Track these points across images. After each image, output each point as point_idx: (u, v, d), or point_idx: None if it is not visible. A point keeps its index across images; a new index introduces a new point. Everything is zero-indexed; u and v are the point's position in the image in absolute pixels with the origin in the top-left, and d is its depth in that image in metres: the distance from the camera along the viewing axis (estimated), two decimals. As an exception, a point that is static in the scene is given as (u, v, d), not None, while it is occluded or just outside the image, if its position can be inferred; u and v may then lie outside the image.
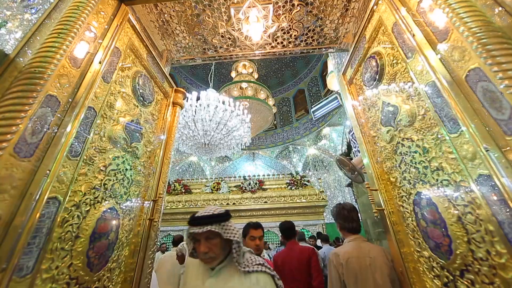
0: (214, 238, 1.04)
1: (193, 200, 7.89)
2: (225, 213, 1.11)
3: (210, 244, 1.03)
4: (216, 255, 1.04)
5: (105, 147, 1.35)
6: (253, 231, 1.88)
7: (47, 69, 0.95)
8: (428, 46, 1.12)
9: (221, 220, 1.07)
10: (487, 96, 0.86)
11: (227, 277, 1.04)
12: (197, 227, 1.03)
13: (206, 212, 1.08)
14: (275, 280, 1.04)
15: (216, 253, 1.04)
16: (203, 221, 1.04)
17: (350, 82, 2.10)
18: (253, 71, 10.91)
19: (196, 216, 1.08)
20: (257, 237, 1.86)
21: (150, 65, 1.91)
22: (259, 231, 1.89)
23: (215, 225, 1.03)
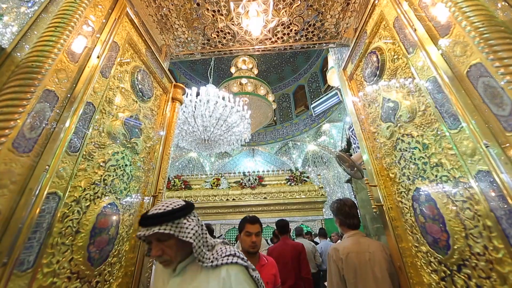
0: (167, 239, 0.88)
1: (193, 196, 7.92)
2: (180, 209, 0.92)
3: (163, 246, 0.88)
4: (171, 258, 0.89)
5: (104, 143, 1.34)
6: (249, 226, 1.70)
7: (44, 64, 0.94)
8: (430, 41, 1.11)
9: (173, 217, 0.89)
10: (488, 92, 0.85)
11: (192, 275, 0.91)
12: (144, 229, 0.87)
13: (157, 209, 0.91)
14: (249, 271, 0.91)
15: (171, 256, 0.89)
16: (149, 221, 0.87)
17: (350, 77, 2.09)
18: (253, 67, 10.82)
19: (143, 215, 0.91)
20: (253, 233, 1.67)
21: (149, 60, 1.89)
22: (256, 227, 1.70)
23: (164, 225, 0.86)
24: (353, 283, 1.41)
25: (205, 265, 0.88)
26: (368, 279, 1.40)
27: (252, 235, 1.67)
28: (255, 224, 1.72)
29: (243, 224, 1.74)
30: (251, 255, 1.66)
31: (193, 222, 0.93)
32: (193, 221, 0.93)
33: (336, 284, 1.47)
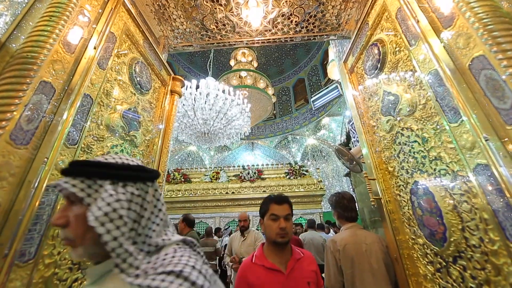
0: (75, 203, 0.54)
1: (193, 189, 7.97)
2: (118, 166, 0.56)
3: (70, 213, 0.53)
4: (76, 238, 0.53)
5: (103, 135, 1.34)
6: (275, 208, 1.21)
7: (40, 54, 0.92)
8: (433, 33, 1.09)
9: (97, 174, 0.54)
10: (489, 85, 0.85)
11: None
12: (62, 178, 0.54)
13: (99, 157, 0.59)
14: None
15: (76, 234, 0.52)
16: (69, 168, 0.54)
17: (351, 70, 2.07)
18: (252, 60, 10.69)
19: None
20: (281, 217, 1.19)
21: (147, 51, 1.86)
22: (285, 208, 1.22)
23: (78, 180, 0.52)
24: (350, 274, 1.44)
25: (127, 280, 0.48)
26: (364, 269, 1.42)
27: (280, 219, 1.19)
28: (283, 204, 1.22)
29: (266, 205, 1.27)
30: (280, 246, 1.20)
31: (123, 196, 0.53)
32: (125, 195, 0.53)
33: (334, 274, 1.50)
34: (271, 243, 1.21)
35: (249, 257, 1.25)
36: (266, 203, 1.28)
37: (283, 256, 1.18)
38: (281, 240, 1.17)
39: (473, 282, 0.95)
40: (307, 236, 3.97)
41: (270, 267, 1.12)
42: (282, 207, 1.23)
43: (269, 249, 1.21)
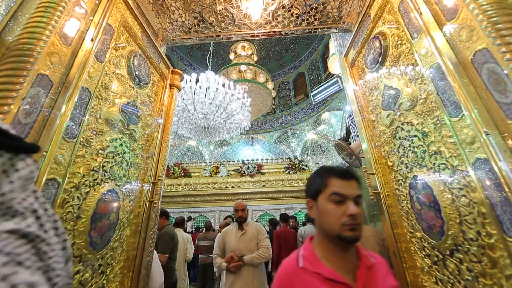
0: None
1: (193, 184, 8.01)
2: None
3: None
4: None
5: (102, 129, 1.33)
6: (338, 183, 0.77)
7: (36, 46, 0.91)
8: (436, 25, 1.07)
9: None
10: (492, 79, 0.84)
11: None
12: None
13: None
14: None
15: None
16: None
17: (352, 64, 2.04)
18: (252, 53, 10.57)
19: None
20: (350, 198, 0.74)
21: (145, 44, 1.83)
22: (353, 186, 0.78)
23: None
24: None
25: None
26: (362, 263, 1.44)
27: (348, 201, 0.74)
28: (351, 180, 0.79)
29: (322, 180, 0.81)
30: (345, 245, 0.74)
31: None
32: None
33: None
34: (330, 239, 0.74)
35: (291, 258, 0.79)
36: (321, 175, 0.82)
37: (348, 261, 0.74)
38: (350, 235, 0.70)
39: (469, 274, 0.96)
40: (306, 230, 4.01)
41: (331, 278, 0.69)
42: (349, 184, 0.77)
43: (325, 249, 0.75)
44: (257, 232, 2.43)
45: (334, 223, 0.72)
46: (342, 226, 0.71)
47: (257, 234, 2.41)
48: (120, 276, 1.38)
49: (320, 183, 0.81)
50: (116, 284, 1.34)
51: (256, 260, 2.24)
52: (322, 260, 0.73)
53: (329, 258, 0.74)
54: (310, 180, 0.89)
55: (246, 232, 2.42)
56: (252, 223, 2.56)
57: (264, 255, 2.28)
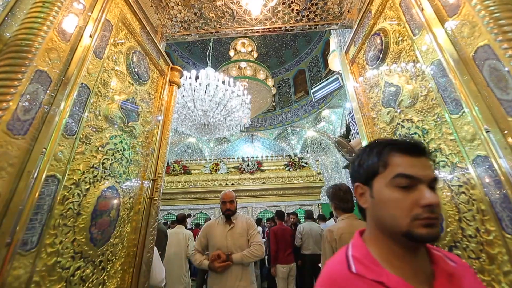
0: None
1: (193, 181, 8.03)
2: None
3: None
4: None
5: (101, 126, 1.33)
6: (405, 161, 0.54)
7: (34, 42, 0.90)
8: (437, 21, 1.06)
9: None
10: (493, 75, 0.83)
11: None
12: None
13: None
14: None
15: None
16: None
17: (352, 61, 2.03)
18: (252, 50, 10.51)
19: None
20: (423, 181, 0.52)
21: (144, 40, 1.82)
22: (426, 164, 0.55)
23: None
24: None
25: None
26: (360, 258, 1.46)
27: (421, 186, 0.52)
28: (422, 156, 0.56)
29: (383, 158, 0.57)
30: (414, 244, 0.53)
31: None
32: None
33: (331, 263, 1.53)
34: (393, 237, 0.54)
35: (338, 260, 0.59)
36: (378, 151, 0.58)
37: (420, 266, 0.54)
38: (426, 232, 0.50)
39: (468, 270, 0.97)
40: (305, 227, 4.04)
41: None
42: (421, 162, 0.55)
43: (386, 249, 0.55)
44: (248, 226, 2.10)
45: (401, 217, 0.50)
46: (413, 221, 0.49)
47: (248, 228, 2.08)
48: (121, 272, 1.39)
49: (376, 162, 0.57)
50: (117, 280, 1.35)
51: (247, 259, 1.93)
52: (384, 265, 0.52)
53: (393, 262, 0.53)
54: (359, 157, 0.63)
55: (235, 226, 2.08)
56: (241, 216, 2.21)
57: (256, 253, 1.97)
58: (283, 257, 3.48)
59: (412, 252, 0.53)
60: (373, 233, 0.59)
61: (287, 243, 3.60)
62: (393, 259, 0.53)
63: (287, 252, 3.54)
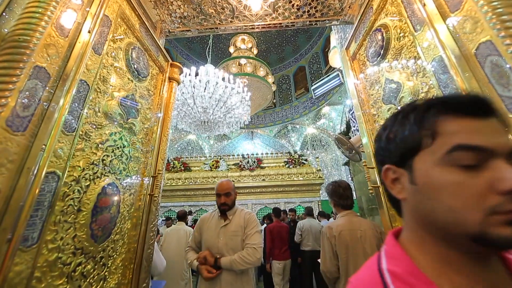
0: None
1: (193, 178, 8.05)
2: None
3: None
4: None
5: (101, 123, 1.32)
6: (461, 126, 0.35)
7: (32, 38, 0.89)
8: (439, 17, 1.05)
9: None
10: (494, 72, 0.83)
11: None
12: None
13: None
14: None
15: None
16: None
17: (353, 57, 2.02)
18: (252, 46, 10.44)
19: None
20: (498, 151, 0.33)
21: (143, 36, 1.80)
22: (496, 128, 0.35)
23: None
24: (345, 258, 1.48)
25: None
26: (358, 254, 1.47)
27: (494, 160, 0.33)
28: (489, 118, 0.36)
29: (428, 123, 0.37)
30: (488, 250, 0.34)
31: None
32: None
33: (329, 259, 1.55)
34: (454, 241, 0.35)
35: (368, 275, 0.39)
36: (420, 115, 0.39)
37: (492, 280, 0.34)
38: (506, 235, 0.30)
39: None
40: (305, 224, 4.06)
41: None
42: (490, 125, 0.36)
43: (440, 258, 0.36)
44: (246, 223, 1.69)
45: (468, 210, 0.32)
46: (489, 216, 0.31)
47: (246, 226, 1.68)
48: (121, 268, 1.40)
49: (416, 132, 0.39)
50: (118, 275, 1.36)
51: (236, 266, 1.52)
52: (438, 282, 0.33)
53: (452, 278, 0.35)
54: (387, 129, 0.44)
55: (231, 223, 1.72)
56: (241, 210, 1.80)
57: (248, 259, 1.53)
58: (279, 254, 3.60)
59: (481, 261, 0.35)
60: (416, 235, 0.40)
61: (283, 240, 3.69)
62: (451, 274, 0.35)
63: (283, 249, 3.66)
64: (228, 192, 1.77)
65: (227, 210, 1.75)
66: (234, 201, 1.80)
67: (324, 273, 1.57)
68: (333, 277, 1.54)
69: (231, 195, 1.78)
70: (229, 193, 1.77)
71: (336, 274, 1.51)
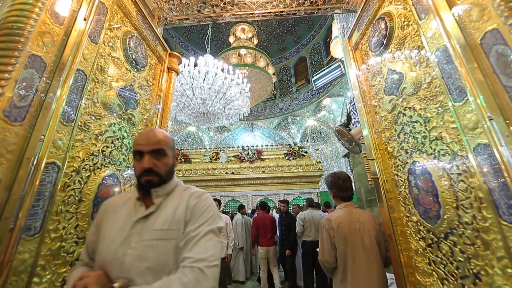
0: None
1: (193, 169, 8.08)
2: None
3: None
4: None
5: (100, 114, 1.31)
6: None
7: (26, 25, 0.87)
8: (445, 4, 1.02)
9: None
10: (500, 61, 0.81)
11: None
12: None
13: None
14: None
15: None
16: None
17: (355, 47, 1.98)
18: (252, 36, 10.23)
19: None
20: None
21: (141, 25, 1.76)
22: None
23: None
24: (343, 250, 1.51)
25: None
26: (356, 246, 1.49)
27: None
28: None
29: None
30: None
31: None
32: None
33: (327, 250, 1.57)
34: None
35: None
36: None
37: None
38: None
39: (462, 256, 0.99)
40: (307, 215, 4.11)
41: None
42: None
43: None
44: (191, 213, 0.82)
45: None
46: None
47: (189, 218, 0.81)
48: (124, 256, 1.42)
49: None
50: (120, 264, 1.39)
51: None
52: None
53: None
54: None
55: (157, 212, 0.82)
56: (184, 189, 0.93)
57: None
58: (264, 241, 4.18)
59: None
60: None
61: (267, 229, 4.22)
62: None
63: (267, 237, 4.19)
64: (160, 149, 0.85)
65: (155, 187, 0.85)
66: (171, 171, 0.91)
67: (322, 263, 1.60)
68: (331, 267, 1.57)
69: (166, 156, 0.87)
70: (161, 150, 0.86)
71: (334, 264, 1.54)
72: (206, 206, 0.85)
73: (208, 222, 0.80)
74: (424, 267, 1.24)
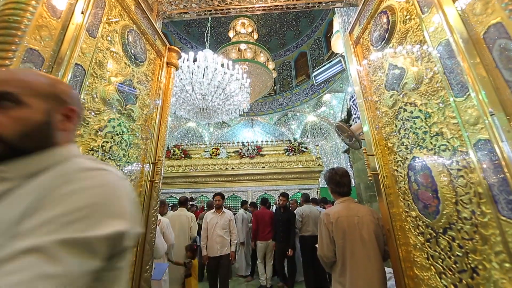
0: None
1: (193, 165, 8.10)
2: None
3: None
4: None
5: (99, 109, 1.30)
6: None
7: (23, 18, 0.85)
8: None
9: None
10: (503, 56, 0.80)
11: None
12: None
13: None
14: None
15: None
16: None
17: (356, 42, 1.96)
18: (252, 31, 10.12)
19: None
20: None
21: (140, 19, 1.73)
22: None
23: None
24: (341, 244, 1.52)
25: None
26: (355, 240, 1.51)
27: None
28: None
29: None
30: None
31: None
32: None
33: (326, 244, 1.58)
34: None
35: None
36: None
37: None
38: None
39: (460, 250, 1.00)
40: (305, 210, 4.14)
41: None
42: None
43: None
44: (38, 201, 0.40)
45: None
46: None
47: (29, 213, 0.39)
48: (125, 251, 1.44)
49: None
50: (121, 258, 1.40)
51: None
52: None
53: None
54: None
55: None
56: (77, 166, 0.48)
57: None
58: (262, 236, 4.27)
59: None
60: None
61: (266, 224, 4.29)
62: None
63: (266, 231, 4.28)
64: (5, 93, 0.46)
65: None
66: (39, 134, 0.50)
67: (321, 258, 1.62)
68: (330, 262, 1.58)
69: (20, 105, 0.46)
70: (6, 94, 0.46)
71: (332, 258, 1.56)
72: (75, 190, 0.43)
73: (56, 223, 0.37)
74: (422, 262, 1.25)
